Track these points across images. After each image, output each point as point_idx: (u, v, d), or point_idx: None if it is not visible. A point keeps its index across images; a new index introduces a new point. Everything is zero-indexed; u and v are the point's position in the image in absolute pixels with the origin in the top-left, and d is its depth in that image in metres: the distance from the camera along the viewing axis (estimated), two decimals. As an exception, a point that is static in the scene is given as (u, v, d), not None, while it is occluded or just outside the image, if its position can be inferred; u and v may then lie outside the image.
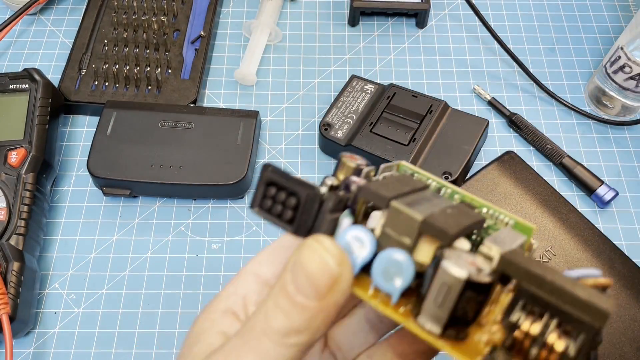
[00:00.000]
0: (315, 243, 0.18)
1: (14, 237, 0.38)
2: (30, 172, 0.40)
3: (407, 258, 0.18)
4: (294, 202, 0.19)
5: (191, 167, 0.42)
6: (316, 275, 0.18)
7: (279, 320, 0.18)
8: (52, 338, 0.38)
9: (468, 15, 0.53)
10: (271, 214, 0.20)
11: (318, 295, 0.18)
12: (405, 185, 0.20)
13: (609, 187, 0.42)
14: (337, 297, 0.18)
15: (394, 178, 0.21)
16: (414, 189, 0.20)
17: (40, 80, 0.44)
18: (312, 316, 0.18)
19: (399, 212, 0.18)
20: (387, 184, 0.19)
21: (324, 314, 0.18)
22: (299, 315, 0.18)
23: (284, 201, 0.19)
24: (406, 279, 0.18)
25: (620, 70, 0.43)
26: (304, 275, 0.18)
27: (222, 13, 0.53)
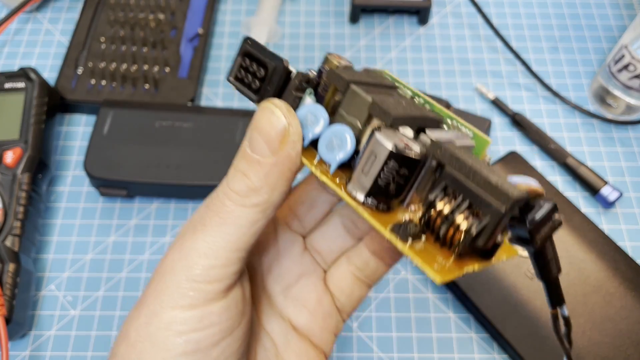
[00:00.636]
0: (267, 103, 0.20)
1: (10, 238, 0.37)
2: (26, 172, 0.40)
3: (350, 132, 0.19)
4: (263, 72, 0.21)
5: (189, 167, 0.41)
6: (267, 130, 0.19)
7: (238, 182, 0.20)
8: (48, 340, 0.38)
9: (470, 13, 0.52)
10: (242, 83, 0.21)
11: (271, 149, 0.19)
12: (374, 80, 0.21)
13: (613, 188, 0.42)
14: (289, 150, 0.19)
15: (367, 73, 0.21)
16: (382, 85, 0.21)
17: (36, 79, 0.43)
18: (268, 172, 0.19)
19: (354, 94, 0.19)
20: (355, 74, 0.20)
21: (279, 168, 0.19)
22: (256, 173, 0.19)
23: (255, 72, 0.21)
24: (345, 151, 0.19)
25: (625, 69, 0.43)
26: (257, 133, 0.19)
27: (221, 11, 0.53)
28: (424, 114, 0.20)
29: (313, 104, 0.20)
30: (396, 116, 0.18)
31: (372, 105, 0.19)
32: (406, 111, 0.19)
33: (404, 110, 0.19)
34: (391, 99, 0.20)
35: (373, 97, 0.19)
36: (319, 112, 0.20)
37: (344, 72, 0.20)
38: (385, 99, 0.19)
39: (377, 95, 0.19)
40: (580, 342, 0.35)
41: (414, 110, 0.20)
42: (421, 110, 0.20)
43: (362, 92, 0.19)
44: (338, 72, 0.20)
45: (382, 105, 0.19)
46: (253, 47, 0.21)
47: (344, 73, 0.20)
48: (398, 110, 0.19)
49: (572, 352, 0.22)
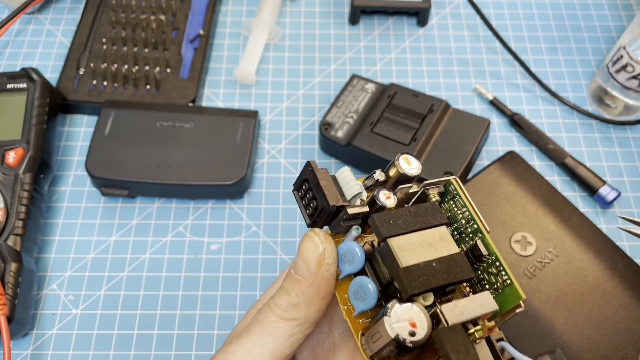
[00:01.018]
0: (310, 231, 0.23)
1: (12, 238, 0.38)
2: (28, 172, 0.40)
3: (374, 287, 0.22)
4: (315, 204, 0.23)
5: (190, 167, 0.41)
6: (306, 254, 0.23)
7: (281, 297, 0.23)
8: (50, 339, 0.38)
9: (469, 14, 0.53)
10: (302, 201, 0.24)
11: (309, 270, 0.23)
12: (418, 221, 0.22)
13: (611, 188, 0.42)
14: (324, 272, 0.22)
15: (414, 210, 0.23)
16: (424, 227, 0.22)
17: (38, 79, 0.43)
18: (305, 290, 0.23)
19: (389, 251, 0.21)
20: (397, 217, 0.22)
21: (315, 287, 0.22)
22: (295, 290, 0.23)
23: (311, 199, 0.24)
24: (367, 305, 0.22)
25: (623, 69, 0.43)
26: (299, 256, 0.23)
27: (221, 12, 0.53)
28: (449, 278, 0.21)
29: (354, 246, 0.22)
30: (411, 295, 0.21)
31: (397, 273, 0.21)
32: (428, 280, 0.21)
33: (428, 278, 0.21)
34: (426, 255, 0.22)
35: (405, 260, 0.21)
36: (356, 256, 0.22)
37: (384, 218, 0.22)
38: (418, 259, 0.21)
39: (411, 248, 0.22)
40: (579, 341, 0.36)
41: (438, 275, 0.21)
42: (451, 271, 0.22)
43: (396, 252, 0.21)
44: (377, 223, 0.22)
45: (404, 279, 0.21)
46: (310, 176, 0.23)
47: (383, 221, 0.22)
48: (418, 282, 0.21)
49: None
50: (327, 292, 0.23)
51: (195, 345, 0.38)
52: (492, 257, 0.23)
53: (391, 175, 0.24)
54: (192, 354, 0.37)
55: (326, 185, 0.23)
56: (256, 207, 0.43)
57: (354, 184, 0.23)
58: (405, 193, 0.24)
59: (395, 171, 0.24)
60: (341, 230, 0.24)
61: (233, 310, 0.39)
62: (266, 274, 0.40)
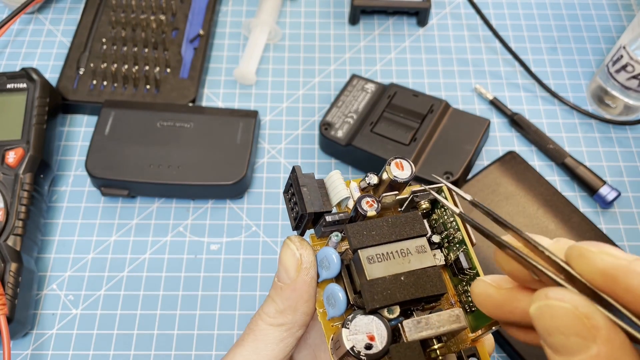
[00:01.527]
0: (287, 240, 0.24)
1: (12, 238, 0.38)
2: (28, 172, 0.40)
3: (344, 300, 0.22)
4: (297, 209, 0.23)
5: (190, 167, 0.41)
6: (284, 261, 0.24)
7: (268, 305, 0.24)
8: (50, 339, 0.38)
9: (469, 14, 0.53)
10: (289, 204, 0.24)
11: (289, 277, 0.23)
12: (395, 232, 0.22)
13: (611, 188, 0.42)
14: (303, 276, 0.23)
15: (392, 221, 0.23)
16: (403, 238, 0.22)
17: (37, 79, 0.43)
18: (288, 295, 0.23)
19: (359, 262, 0.22)
20: (372, 227, 0.22)
21: (297, 292, 0.23)
22: (280, 297, 0.24)
23: (295, 202, 0.24)
24: (337, 312, 0.22)
25: (623, 69, 0.43)
26: (279, 264, 0.24)
27: (221, 12, 0.53)
28: (416, 293, 0.21)
29: (331, 252, 0.23)
30: (371, 309, 0.21)
31: (362, 286, 0.21)
32: (392, 295, 0.21)
33: (392, 292, 0.21)
34: (397, 268, 0.22)
35: (371, 273, 0.21)
36: (332, 263, 0.23)
37: (358, 228, 0.22)
38: (387, 272, 0.21)
39: (382, 260, 0.22)
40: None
41: (405, 290, 0.21)
42: (421, 285, 0.21)
43: (365, 265, 0.21)
44: (349, 233, 0.22)
45: (367, 292, 0.21)
46: (294, 181, 0.23)
47: (357, 232, 0.22)
48: (381, 295, 0.21)
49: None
50: (310, 295, 0.23)
51: (195, 345, 0.38)
52: (473, 270, 0.23)
53: (384, 179, 0.23)
54: (192, 354, 0.37)
55: (306, 192, 0.23)
56: (256, 207, 0.43)
57: (341, 188, 0.23)
58: (394, 199, 0.23)
59: (386, 176, 0.23)
60: (324, 234, 0.24)
61: (233, 311, 0.39)
62: (266, 274, 0.40)
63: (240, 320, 0.39)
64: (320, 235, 0.24)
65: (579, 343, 0.16)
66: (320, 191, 0.24)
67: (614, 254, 0.17)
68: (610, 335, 0.16)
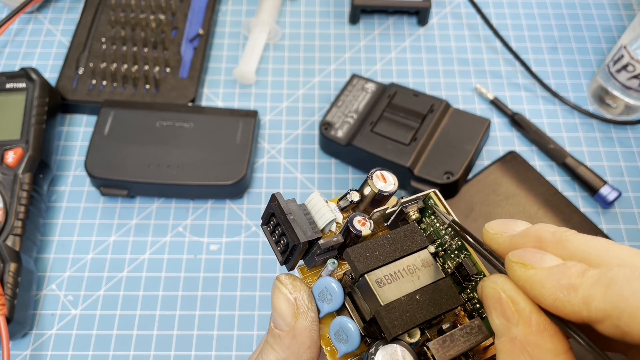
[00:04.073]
0: (276, 282, 0.22)
1: (11, 238, 0.37)
2: (27, 172, 0.40)
3: (356, 332, 0.20)
4: (285, 241, 0.21)
5: (189, 167, 0.41)
6: (279, 307, 0.21)
7: (268, 354, 0.22)
8: (49, 340, 0.38)
9: (470, 14, 0.52)
10: (272, 237, 0.22)
11: (287, 323, 0.21)
12: (397, 249, 0.21)
13: (612, 188, 0.42)
14: (302, 322, 0.21)
15: (391, 237, 0.21)
16: (404, 254, 0.21)
17: (37, 79, 0.43)
18: (289, 343, 0.21)
19: (368, 287, 0.20)
20: (374, 248, 0.21)
21: (298, 339, 0.21)
22: (280, 346, 0.21)
23: (280, 235, 0.22)
24: (350, 347, 0.20)
25: (624, 69, 0.43)
26: (274, 310, 0.21)
27: (221, 11, 0.53)
28: (433, 311, 0.20)
29: (331, 282, 0.21)
30: (394, 336, 0.19)
31: (378, 313, 0.19)
32: (412, 317, 0.19)
33: (412, 314, 0.20)
34: (408, 286, 0.20)
35: (384, 297, 0.20)
36: (335, 294, 0.21)
37: (359, 251, 0.20)
38: (400, 292, 0.20)
39: (392, 281, 0.20)
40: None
41: (422, 310, 0.20)
42: (436, 302, 0.20)
43: (374, 289, 0.20)
44: (352, 258, 0.20)
45: (385, 318, 0.19)
46: (277, 211, 0.21)
47: (359, 255, 0.20)
48: (402, 320, 0.19)
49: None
50: (313, 341, 0.21)
51: (194, 345, 0.38)
52: (480, 275, 0.22)
53: (366, 194, 0.22)
54: (192, 355, 0.37)
55: (295, 220, 0.21)
56: (256, 207, 0.43)
57: (325, 211, 0.22)
58: (383, 214, 0.22)
59: (370, 190, 0.22)
60: (317, 263, 0.22)
61: (233, 311, 0.39)
62: (266, 274, 0.40)
63: (240, 321, 0.39)
64: (312, 266, 0.22)
65: (503, 324, 0.18)
66: (306, 217, 0.22)
67: (541, 236, 0.19)
68: (530, 320, 0.18)
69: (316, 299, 0.21)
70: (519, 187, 0.41)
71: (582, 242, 0.18)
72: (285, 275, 0.22)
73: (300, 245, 0.21)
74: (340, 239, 0.21)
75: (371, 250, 0.20)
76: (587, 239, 0.18)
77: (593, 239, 0.18)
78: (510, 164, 0.42)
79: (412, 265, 0.21)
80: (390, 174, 0.22)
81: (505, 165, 0.42)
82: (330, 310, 0.21)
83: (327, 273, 0.22)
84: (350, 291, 0.21)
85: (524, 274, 0.18)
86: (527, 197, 0.41)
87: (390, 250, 0.21)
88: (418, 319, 0.19)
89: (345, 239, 0.21)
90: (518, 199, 0.41)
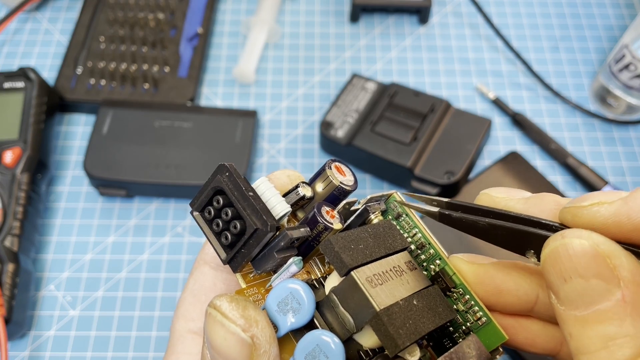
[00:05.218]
0: (213, 312, 0.15)
1: (9, 238, 0.37)
2: (26, 172, 0.39)
3: (340, 349, 0.15)
4: (239, 227, 0.16)
5: (189, 167, 0.41)
6: (227, 352, 0.15)
7: None
8: (47, 341, 0.37)
9: (471, 13, 0.52)
10: (210, 227, 0.16)
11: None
12: (381, 244, 0.17)
13: (614, 188, 0.42)
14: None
15: (372, 231, 0.17)
16: (389, 252, 0.17)
17: (35, 79, 0.43)
18: None
19: (357, 288, 0.15)
20: (357, 240, 0.16)
21: None
22: None
23: (229, 220, 0.16)
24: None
25: (625, 68, 0.43)
26: (218, 355, 0.15)
27: (220, 10, 0.53)
28: (435, 321, 0.17)
29: (299, 286, 0.16)
30: (403, 348, 0.15)
31: (378, 318, 0.15)
32: (415, 326, 0.15)
33: (414, 323, 0.15)
34: (400, 289, 0.16)
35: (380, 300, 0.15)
36: (303, 302, 0.16)
37: (342, 242, 0.16)
38: (395, 296, 0.16)
39: (382, 282, 0.16)
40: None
41: (424, 318, 0.16)
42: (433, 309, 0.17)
43: (366, 291, 0.15)
44: (336, 250, 0.15)
45: (389, 326, 0.15)
46: (230, 185, 0.16)
47: (343, 246, 0.16)
48: (406, 329, 0.15)
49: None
50: None
51: (194, 346, 0.37)
52: (458, 289, 0.19)
53: (319, 191, 0.18)
54: (191, 356, 0.37)
55: (256, 197, 0.16)
56: (255, 208, 0.42)
57: (277, 200, 0.17)
58: (346, 210, 0.18)
59: (327, 184, 0.18)
60: (271, 266, 0.17)
61: (232, 312, 0.39)
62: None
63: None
64: (264, 269, 0.17)
65: (600, 287, 0.14)
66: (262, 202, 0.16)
67: (605, 199, 0.15)
68: (636, 278, 0.14)
69: (274, 312, 0.16)
70: (520, 187, 0.41)
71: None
72: (228, 301, 0.15)
73: (266, 229, 0.15)
74: (308, 230, 0.17)
75: (355, 242, 0.16)
76: None
77: None
78: (511, 164, 0.42)
79: (397, 266, 0.17)
80: (348, 168, 0.19)
81: (507, 165, 0.42)
82: (297, 325, 0.16)
83: (288, 276, 0.17)
84: (318, 302, 0.16)
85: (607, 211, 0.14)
86: (529, 197, 0.41)
87: (374, 245, 0.17)
88: (422, 328, 0.16)
89: (313, 235, 0.17)
90: (519, 199, 0.40)
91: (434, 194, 0.40)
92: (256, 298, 0.17)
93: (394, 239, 0.18)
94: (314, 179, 0.19)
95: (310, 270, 0.18)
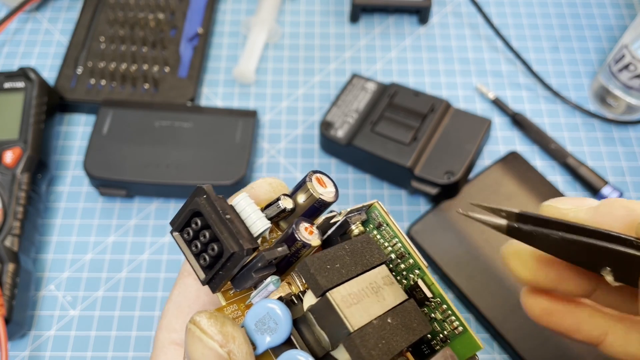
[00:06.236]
0: (193, 328, 0.16)
1: (9, 238, 0.37)
2: (26, 172, 0.40)
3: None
4: (217, 250, 0.16)
5: (189, 167, 0.41)
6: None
7: None
8: (47, 341, 0.37)
9: (471, 13, 0.52)
10: (189, 248, 0.17)
11: None
12: (358, 262, 0.17)
13: (614, 188, 0.42)
14: None
15: (349, 248, 0.17)
16: (365, 269, 0.17)
17: (35, 79, 0.43)
18: None
19: (332, 309, 0.16)
20: (334, 259, 0.17)
21: None
22: None
23: (207, 242, 0.17)
24: None
25: (625, 68, 0.43)
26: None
27: (220, 10, 0.53)
28: (409, 337, 0.17)
29: (275, 306, 0.16)
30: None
31: (350, 341, 0.15)
32: (388, 346, 0.16)
33: (387, 343, 0.16)
34: (376, 308, 0.17)
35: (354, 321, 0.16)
36: (280, 321, 0.16)
37: (318, 264, 0.16)
38: (369, 315, 0.16)
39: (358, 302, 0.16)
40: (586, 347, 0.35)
41: (397, 336, 0.16)
42: (408, 325, 0.17)
43: (341, 312, 0.16)
44: (312, 272, 0.16)
45: (362, 349, 0.15)
46: (207, 208, 0.16)
47: (318, 268, 0.16)
48: (378, 350, 0.16)
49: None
50: None
51: (194, 346, 0.37)
52: (436, 299, 0.19)
53: (300, 202, 0.18)
54: (191, 356, 0.37)
55: (232, 220, 0.16)
56: (256, 207, 0.42)
57: (257, 217, 0.17)
58: (325, 224, 0.19)
59: (308, 196, 0.18)
60: (249, 284, 0.17)
61: (232, 312, 0.39)
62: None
63: (240, 322, 0.38)
64: (243, 287, 0.17)
65: None
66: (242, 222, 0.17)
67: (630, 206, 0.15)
68: None
69: (252, 331, 0.16)
70: (520, 187, 0.41)
71: None
72: (207, 318, 0.16)
73: (243, 254, 0.16)
74: (286, 249, 0.17)
75: (331, 261, 0.17)
76: None
77: None
78: (511, 164, 0.42)
79: (374, 282, 0.17)
80: (330, 179, 0.19)
81: (506, 165, 0.42)
82: (274, 344, 0.16)
83: (266, 295, 0.17)
84: (295, 319, 0.17)
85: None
86: (528, 197, 0.41)
87: (351, 263, 0.17)
88: (395, 347, 0.16)
89: (291, 253, 0.18)
90: (519, 199, 0.41)
91: (434, 194, 0.40)
92: (236, 315, 0.18)
93: (372, 254, 0.18)
94: (296, 190, 0.19)
95: (291, 282, 0.18)
